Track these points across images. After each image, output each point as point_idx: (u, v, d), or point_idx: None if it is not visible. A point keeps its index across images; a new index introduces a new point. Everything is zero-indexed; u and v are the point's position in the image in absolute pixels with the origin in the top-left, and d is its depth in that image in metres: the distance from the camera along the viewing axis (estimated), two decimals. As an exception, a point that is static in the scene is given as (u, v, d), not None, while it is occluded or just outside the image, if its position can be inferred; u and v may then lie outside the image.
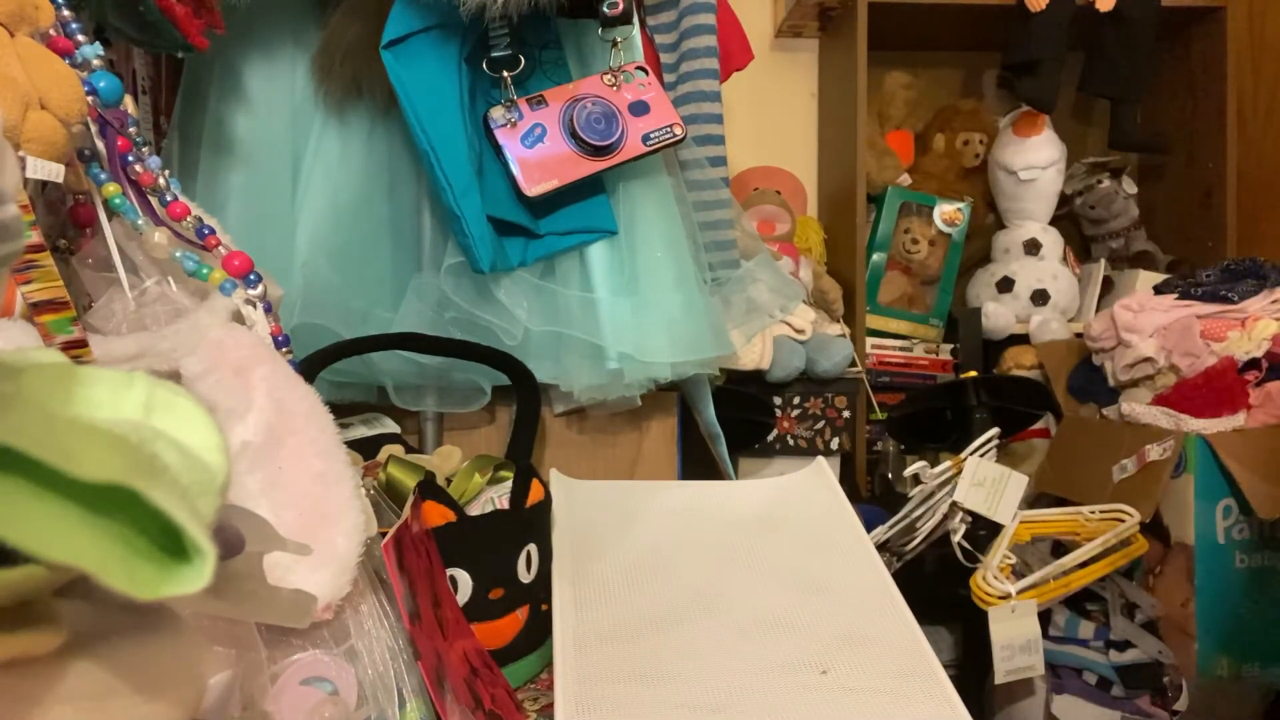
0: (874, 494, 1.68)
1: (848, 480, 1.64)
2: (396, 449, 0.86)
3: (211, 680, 0.47)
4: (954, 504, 1.17)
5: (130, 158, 0.66)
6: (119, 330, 0.61)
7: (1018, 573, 1.11)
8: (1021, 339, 1.77)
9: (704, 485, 1.00)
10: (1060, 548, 1.23)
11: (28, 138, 0.53)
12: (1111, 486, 1.29)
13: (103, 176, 0.63)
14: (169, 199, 0.67)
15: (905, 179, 1.88)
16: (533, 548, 0.79)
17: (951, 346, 1.82)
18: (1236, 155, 1.78)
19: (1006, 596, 1.06)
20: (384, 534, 0.61)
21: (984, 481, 1.16)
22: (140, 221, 0.64)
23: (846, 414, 1.61)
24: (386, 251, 1.05)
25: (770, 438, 1.57)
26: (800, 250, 1.77)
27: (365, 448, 0.87)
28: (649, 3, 1.17)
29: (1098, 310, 1.78)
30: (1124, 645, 1.20)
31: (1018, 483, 1.17)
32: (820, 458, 0.99)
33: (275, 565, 0.51)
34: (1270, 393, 1.24)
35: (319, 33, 1.04)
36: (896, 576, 0.79)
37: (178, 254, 0.64)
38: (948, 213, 1.84)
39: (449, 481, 0.80)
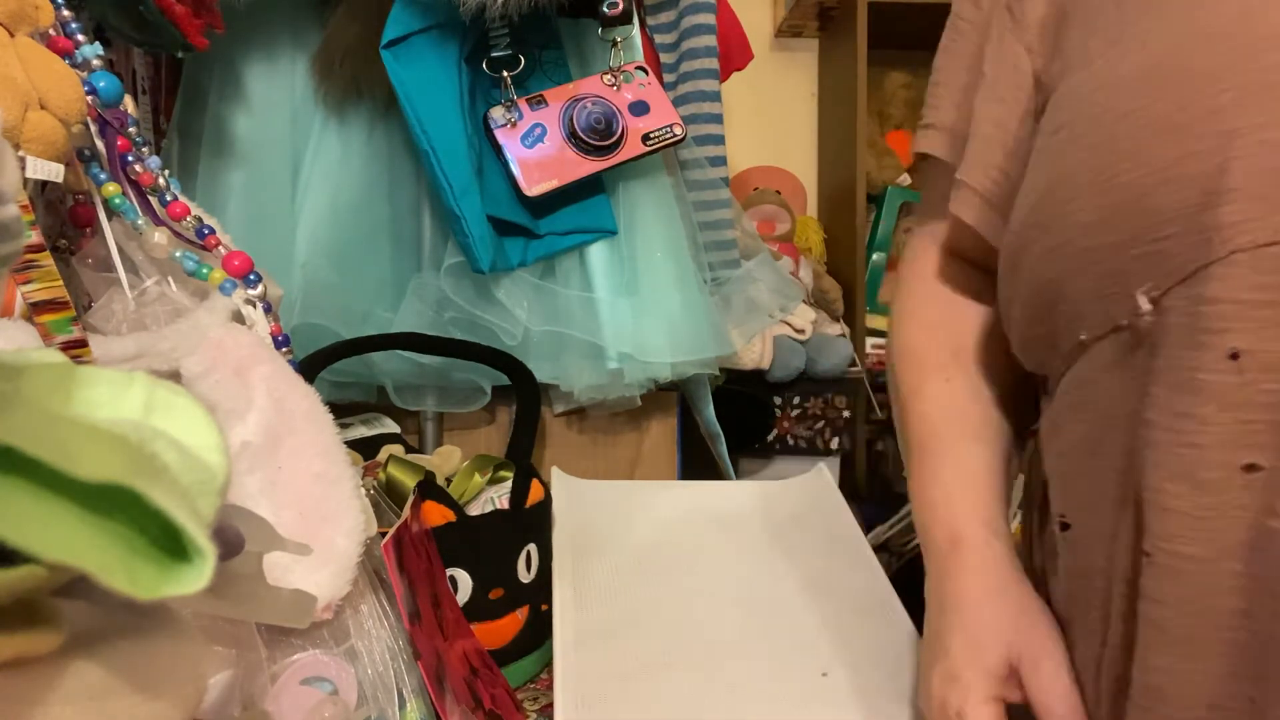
0: (874, 494, 1.68)
1: (848, 480, 1.64)
2: (396, 449, 0.86)
3: (211, 680, 0.47)
4: (954, 504, 1.16)
5: (130, 158, 0.66)
6: (119, 330, 0.61)
7: (1018, 573, 1.11)
8: (1021, 339, 1.77)
9: (704, 485, 1.00)
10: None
11: (28, 138, 0.53)
12: (1111, 486, 1.29)
13: (103, 176, 0.63)
14: (169, 199, 0.67)
15: (905, 179, 1.88)
16: (533, 548, 0.79)
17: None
18: (1236, 155, 1.77)
19: (1006, 596, 1.06)
20: (384, 534, 0.61)
21: (984, 481, 1.16)
22: (140, 221, 0.63)
23: (846, 414, 1.61)
24: (386, 251, 1.05)
25: (770, 438, 1.57)
26: (800, 250, 1.77)
27: (365, 448, 0.87)
28: (649, 3, 1.17)
29: (1098, 310, 1.78)
30: (1124, 645, 1.19)
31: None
32: (821, 464, 0.99)
33: (275, 565, 0.51)
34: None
35: (319, 33, 1.04)
36: (896, 577, 0.79)
37: (178, 254, 0.64)
38: (948, 213, 1.84)
39: (449, 481, 0.80)
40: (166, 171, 0.69)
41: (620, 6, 0.96)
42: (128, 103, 0.69)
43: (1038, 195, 0.53)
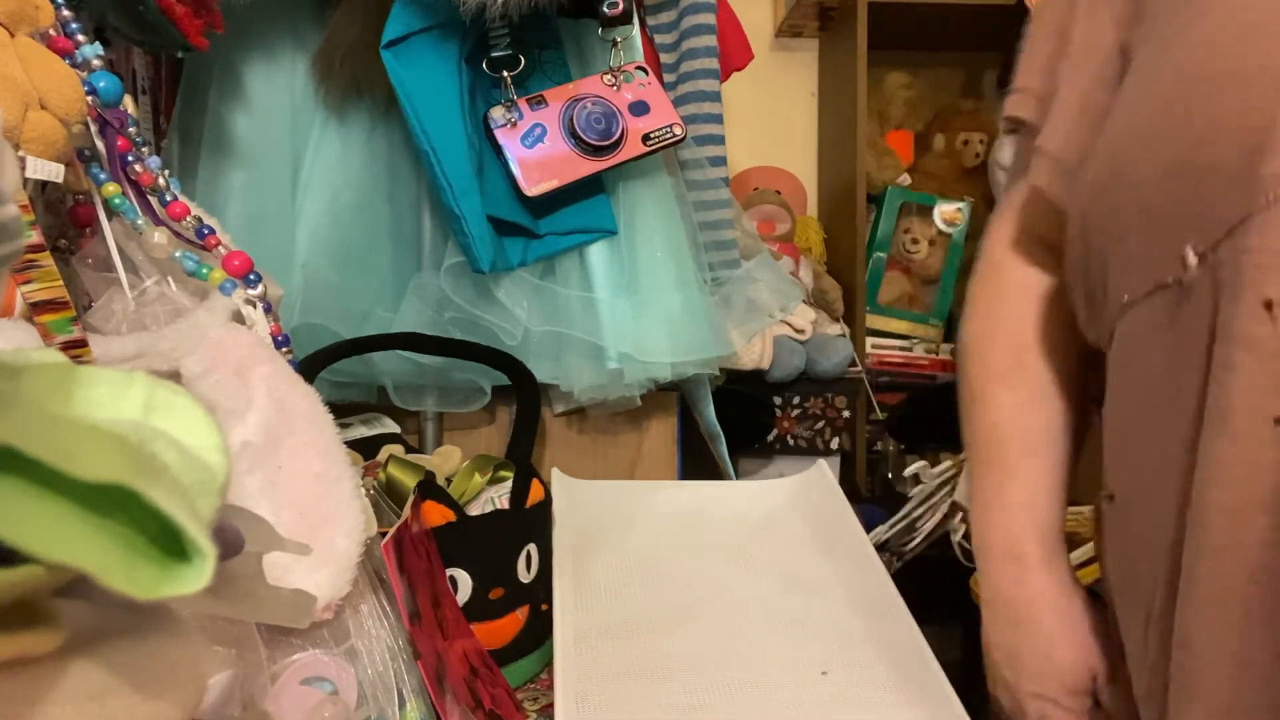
0: (874, 494, 1.68)
1: (848, 480, 1.64)
2: (396, 449, 0.86)
3: (211, 680, 0.47)
4: (954, 504, 1.17)
5: (130, 158, 0.66)
6: (119, 330, 0.61)
7: (1018, 573, 1.11)
8: (1021, 339, 1.77)
9: (704, 485, 1.00)
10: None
11: (28, 138, 0.53)
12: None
13: (103, 176, 0.63)
14: (169, 199, 0.67)
15: (905, 179, 1.89)
16: (533, 548, 0.79)
17: (951, 346, 1.82)
18: (1236, 155, 1.77)
19: (1006, 596, 1.06)
20: (384, 534, 0.61)
21: (984, 481, 1.16)
22: (140, 221, 0.63)
23: (846, 414, 1.61)
24: (386, 251, 1.05)
25: (770, 438, 1.57)
26: (800, 250, 1.77)
27: (365, 448, 0.87)
28: (649, 3, 1.17)
29: (1098, 310, 1.78)
30: (1124, 645, 1.19)
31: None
32: (822, 460, 0.99)
33: (275, 565, 0.51)
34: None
35: (319, 33, 1.04)
36: (896, 576, 0.79)
37: (178, 254, 0.64)
38: (948, 213, 1.85)
39: (449, 481, 0.80)
40: (166, 171, 0.69)
41: (620, 6, 0.96)
42: (128, 103, 0.69)
43: (1105, 157, 0.54)
